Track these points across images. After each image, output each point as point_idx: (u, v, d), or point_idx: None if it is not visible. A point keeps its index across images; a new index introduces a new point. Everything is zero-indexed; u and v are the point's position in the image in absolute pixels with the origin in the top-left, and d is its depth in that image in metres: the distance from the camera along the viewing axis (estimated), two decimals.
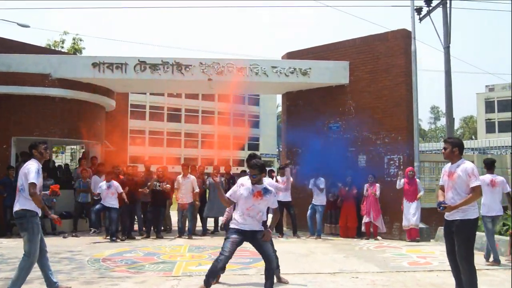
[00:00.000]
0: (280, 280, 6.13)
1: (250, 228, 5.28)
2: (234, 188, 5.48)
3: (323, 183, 10.88)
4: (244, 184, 5.40)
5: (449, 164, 5.21)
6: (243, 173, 12.04)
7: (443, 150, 5.22)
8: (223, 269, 5.82)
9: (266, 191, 5.38)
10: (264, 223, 5.95)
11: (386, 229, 10.85)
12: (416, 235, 10.27)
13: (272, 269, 5.31)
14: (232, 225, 5.35)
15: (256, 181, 5.37)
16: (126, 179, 10.82)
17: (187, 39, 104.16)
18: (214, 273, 5.29)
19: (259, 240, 5.25)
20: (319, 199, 10.88)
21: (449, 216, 5.09)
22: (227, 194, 5.47)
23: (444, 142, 5.25)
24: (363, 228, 10.83)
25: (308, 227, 11.01)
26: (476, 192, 4.93)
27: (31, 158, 5.50)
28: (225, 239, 5.34)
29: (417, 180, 10.47)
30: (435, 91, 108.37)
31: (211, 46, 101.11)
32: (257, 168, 5.36)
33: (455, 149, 5.11)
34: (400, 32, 11.53)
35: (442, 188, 5.23)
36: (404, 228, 10.43)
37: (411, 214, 10.29)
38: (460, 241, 4.95)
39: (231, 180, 11.34)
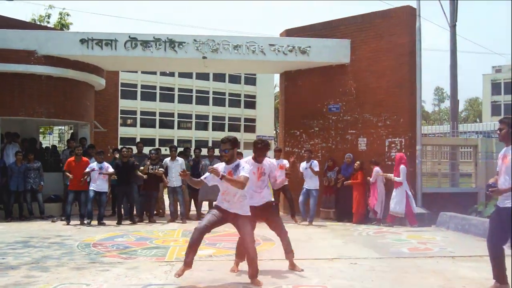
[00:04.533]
0: (293, 268, 6.18)
1: (230, 210, 5.38)
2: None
3: (317, 166, 10.81)
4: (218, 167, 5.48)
5: (505, 148, 4.99)
6: (239, 154, 12.10)
7: (498, 132, 4.98)
8: (242, 257, 5.93)
9: (236, 168, 5.37)
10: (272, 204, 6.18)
11: (386, 214, 10.91)
12: (392, 221, 10.34)
13: (250, 257, 5.37)
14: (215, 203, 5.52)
15: (229, 156, 5.37)
16: (120, 162, 10.82)
17: (181, 15, 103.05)
18: (189, 244, 5.31)
19: (240, 224, 5.38)
20: (313, 183, 10.75)
21: (500, 203, 4.92)
22: (203, 177, 5.53)
23: (500, 123, 4.96)
24: (371, 214, 10.83)
25: (301, 212, 10.97)
26: None
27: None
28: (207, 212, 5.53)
29: (401, 166, 10.35)
30: (439, 71, 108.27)
31: (206, 22, 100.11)
32: (229, 142, 5.37)
33: None
34: (404, 9, 11.41)
35: (498, 173, 5.06)
36: (390, 213, 10.49)
37: (393, 202, 10.36)
38: None
39: None
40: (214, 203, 5.60)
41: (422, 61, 11.14)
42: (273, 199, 6.22)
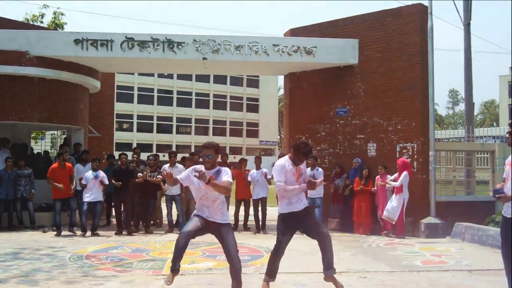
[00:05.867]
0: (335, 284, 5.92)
1: (210, 219, 5.25)
2: (187, 171, 5.39)
3: (322, 174, 10.64)
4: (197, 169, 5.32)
5: None
6: (243, 161, 12.10)
7: (507, 135, 5.00)
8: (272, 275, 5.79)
9: (218, 173, 5.26)
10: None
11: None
12: (391, 228, 10.34)
13: (236, 269, 5.19)
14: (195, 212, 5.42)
15: (211, 163, 5.27)
16: (119, 169, 10.81)
17: (180, 14, 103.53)
18: (176, 252, 5.14)
19: (223, 234, 5.23)
20: (317, 191, 10.53)
21: (506, 212, 4.94)
22: (179, 176, 5.40)
23: (510, 126, 4.99)
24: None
25: None
26: None
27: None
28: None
29: (404, 172, 10.31)
30: (453, 73, 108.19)
31: (206, 22, 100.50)
32: (213, 148, 5.29)
33: None
34: (416, 7, 11.40)
35: (504, 180, 5.09)
36: (383, 218, 10.48)
37: (390, 206, 10.34)
38: None
39: None
40: (194, 212, 5.46)
41: (435, 62, 11.11)
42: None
